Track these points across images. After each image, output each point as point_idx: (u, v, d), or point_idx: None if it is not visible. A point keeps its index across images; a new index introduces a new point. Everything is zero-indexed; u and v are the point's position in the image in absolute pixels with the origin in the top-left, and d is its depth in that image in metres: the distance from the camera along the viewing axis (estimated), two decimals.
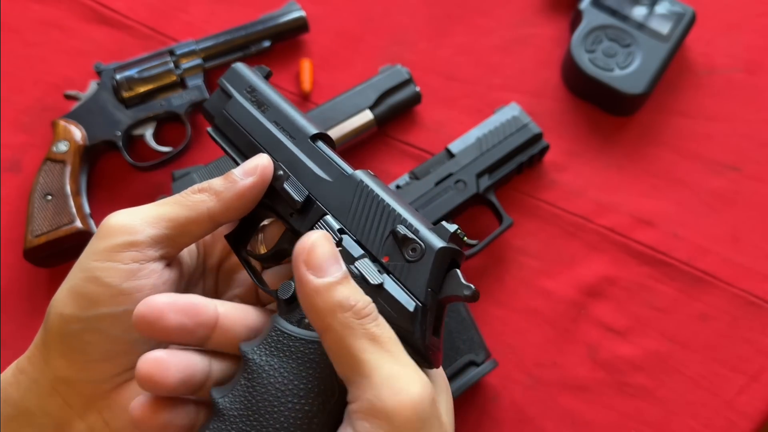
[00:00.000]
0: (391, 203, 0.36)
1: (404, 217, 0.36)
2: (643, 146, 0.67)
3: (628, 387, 0.57)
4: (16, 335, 0.61)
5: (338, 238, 0.36)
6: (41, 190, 0.62)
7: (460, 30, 0.73)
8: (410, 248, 0.35)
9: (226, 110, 0.41)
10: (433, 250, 0.34)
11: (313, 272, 0.32)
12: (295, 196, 0.38)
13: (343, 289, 0.32)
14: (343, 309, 0.31)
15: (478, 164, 0.61)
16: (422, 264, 0.34)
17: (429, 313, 0.34)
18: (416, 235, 0.35)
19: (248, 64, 0.44)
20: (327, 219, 0.37)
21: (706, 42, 0.71)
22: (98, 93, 0.67)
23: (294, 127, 0.40)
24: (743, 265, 0.61)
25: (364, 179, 0.37)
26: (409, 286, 0.34)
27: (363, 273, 0.34)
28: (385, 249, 0.35)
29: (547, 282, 0.61)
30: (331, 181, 0.38)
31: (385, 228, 0.36)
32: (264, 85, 0.42)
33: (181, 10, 0.75)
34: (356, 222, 0.36)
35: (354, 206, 0.37)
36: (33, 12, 0.76)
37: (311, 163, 0.39)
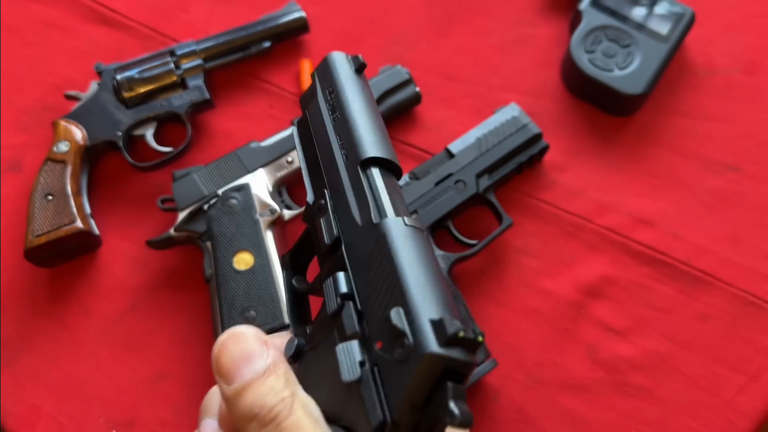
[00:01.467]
0: (402, 274, 0.28)
1: (407, 299, 0.27)
2: (643, 146, 0.67)
3: (628, 387, 0.57)
4: (16, 335, 0.61)
5: (338, 305, 0.29)
6: (42, 190, 0.62)
7: (460, 30, 0.73)
8: (399, 343, 0.26)
9: (308, 112, 0.36)
10: (421, 354, 0.25)
11: (221, 380, 0.29)
12: (325, 237, 0.31)
13: (248, 394, 0.28)
14: (248, 419, 0.28)
15: (477, 164, 0.62)
16: (405, 367, 0.26)
17: (404, 426, 0.26)
18: (409, 327, 0.26)
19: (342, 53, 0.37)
20: (338, 277, 0.30)
21: (706, 42, 0.71)
22: (99, 93, 0.67)
23: (351, 144, 0.32)
24: (743, 265, 0.61)
25: (389, 234, 0.29)
26: (387, 390, 0.26)
27: (338, 362, 0.28)
28: (380, 332, 0.28)
29: (546, 282, 0.61)
30: (360, 225, 0.31)
31: (387, 306, 0.28)
32: (345, 83, 0.35)
33: (181, 10, 0.75)
34: (367, 287, 0.29)
35: (369, 266, 0.29)
36: (33, 12, 0.76)
37: (351, 196, 0.31)
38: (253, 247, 0.58)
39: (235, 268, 0.57)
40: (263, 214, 0.60)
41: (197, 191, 0.61)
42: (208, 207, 0.61)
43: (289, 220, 0.62)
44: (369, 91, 0.36)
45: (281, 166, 0.63)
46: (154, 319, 0.62)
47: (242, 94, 0.71)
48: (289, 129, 0.64)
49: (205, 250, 0.60)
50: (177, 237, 0.61)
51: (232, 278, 0.57)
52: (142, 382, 0.59)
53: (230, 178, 0.62)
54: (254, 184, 0.62)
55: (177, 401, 0.58)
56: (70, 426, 0.58)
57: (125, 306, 0.62)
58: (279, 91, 0.71)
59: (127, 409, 0.58)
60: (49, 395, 0.59)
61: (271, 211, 0.60)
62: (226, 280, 0.57)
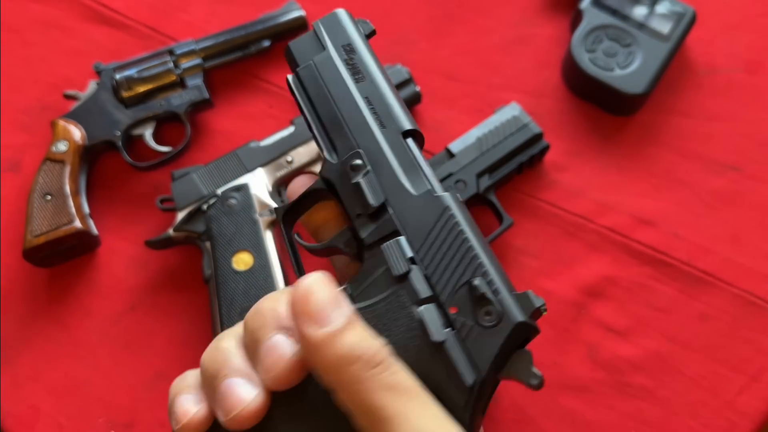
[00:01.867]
0: (476, 247, 0.30)
1: (487, 271, 0.30)
2: (644, 146, 0.66)
3: (629, 387, 0.57)
4: (16, 335, 0.61)
5: (406, 269, 0.30)
6: (41, 190, 0.62)
7: (461, 30, 0.73)
8: (485, 310, 0.29)
9: (315, 63, 0.35)
10: (511, 323, 0.28)
11: (311, 323, 0.27)
12: (370, 198, 0.32)
13: (348, 337, 0.27)
14: (349, 361, 0.27)
15: (478, 164, 0.61)
16: (494, 334, 0.28)
17: (486, 389, 0.29)
18: (496, 297, 0.29)
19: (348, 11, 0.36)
20: (400, 241, 0.31)
21: (707, 42, 0.71)
22: (98, 93, 0.66)
23: (388, 112, 0.33)
24: (744, 265, 0.61)
25: (453, 207, 0.31)
26: (473, 352, 0.28)
27: (425, 322, 0.29)
28: (455, 299, 0.29)
29: (547, 282, 0.61)
30: (415, 195, 0.32)
31: (462, 275, 0.30)
32: (365, 47, 0.35)
33: (180, 9, 0.75)
34: (431, 255, 0.30)
35: (434, 235, 0.31)
36: (32, 12, 0.76)
37: (397, 164, 0.33)
38: (252, 247, 0.58)
39: (234, 269, 0.57)
40: (263, 214, 0.60)
41: (196, 191, 0.61)
42: (207, 207, 0.60)
43: None
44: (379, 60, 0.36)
45: (281, 166, 0.63)
46: (153, 319, 0.61)
47: (242, 94, 0.71)
48: (289, 128, 0.64)
49: (205, 250, 0.60)
50: (176, 237, 0.61)
51: (232, 278, 0.57)
52: (141, 382, 0.59)
53: (229, 178, 0.62)
54: (254, 183, 0.62)
55: None
56: (69, 426, 0.58)
57: (124, 306, 0.62)
58: (278, 90, 0.71)
59: (126, 409, 0.58)
60: (48, 395, 0.59)
61: (270, 211, 0.60)
62: (226, 280, 0.57)
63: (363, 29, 0.37)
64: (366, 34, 0.37)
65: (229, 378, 0.29)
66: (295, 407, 0.29)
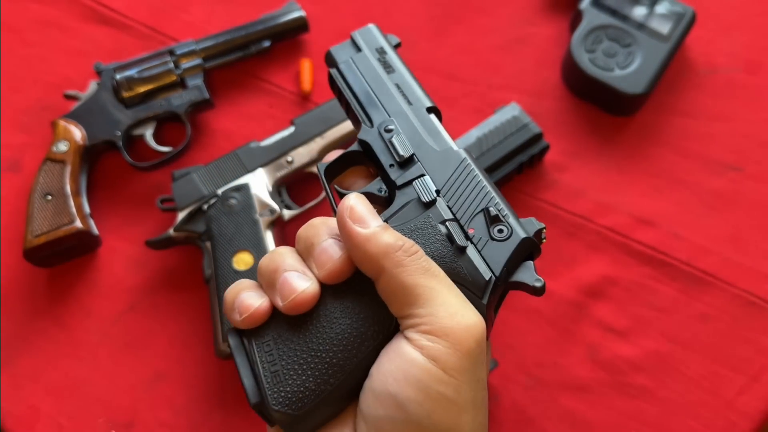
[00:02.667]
0: (489, 187, 0.38)
1: (499, 202, 0.38)
2: (644, 146, 0.66)
3: (629, 387, 0.57)
4: (16, 335, 0.61)
5: (434, 197, 0.38)
6: (41, 190, 0.62)
7: (460, 30, 0.73)
8: (498, 228, 0.37)
9: (354, 60, 0.44)
10: (519, 237, 0.36)
11: (358, 225, 0.34)
12: (401, 150, 0.40)
13: (389, 233, 0.34)
14: (394, 249, 0.33)
15: (478, 164, 0.61)
16: (506, 244, 0.36)
17: (499, 288, 0.36)
18: (506, 220, 0.37)
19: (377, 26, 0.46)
20: (426, 179, 0.39)
21: (707, 42, 0.71)
22: (98, 93, 0.67)
23: (413, 94, 0.43)
24: (744, 265, 0.61)
25: (468, 159, 0.40)
26: (488, 259, 0.36)
27: (451, 232, 0.36)
28: (472, 222, 0.37)
29: (547, 282, 0.60)
30: (437, 150, 0.40)
31: (478, 205, 0.38)
32: (393, 51, 0.45)
33: (181, 9, 0.75)
34: (452, 191, 0.38)
35: (453, 177, 0.39)
36: (32, 12, 0.76)
37: (422, 129, 0.41)
38: (252, 247, 0.58)
39: (234, 269, 0.57)
40: (263, 214, 0.60)
41: (197, 191, 0.61)
42: (207, 207, 0.61)
43: (289, 220, 0.62)
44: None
45: (281, 166, 0.63)
46: (153, 319, 0.61)
47: (242, 94, 0.71)
48: (289, 129, 0.64)
49: (205, 250, 0.60)
50: (176, 237, 0.61)
51: (232, 278, 0.57)
52: (141, 382, 0.59)
53: (230, 178, 0.62)
54: (254, 183, 0.62)
55: (176, 401, 0.58)
56: (69, 426, 0.58)
57: (124, 306, 0.62)
58: (279, 90, 0.71)
59: (126, 409, 0.58)
60: (48, 395, 0.59)
61: (270, 211, 0.60)
62: (226, 280, 0.57)
63: (391, 41, 0.46)
64: (393, 45, 0.46)
65: (288, 272, 0.34)
66: (343, 296, 0.35)
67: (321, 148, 0.64)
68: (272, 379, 0.33)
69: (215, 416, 0.57)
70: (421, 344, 0.31)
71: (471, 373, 0.31)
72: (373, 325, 0.34)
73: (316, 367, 0.33)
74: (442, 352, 0.31)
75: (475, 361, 0.31)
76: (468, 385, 0.31)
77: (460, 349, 0.31)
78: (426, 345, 0.31)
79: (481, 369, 0.32)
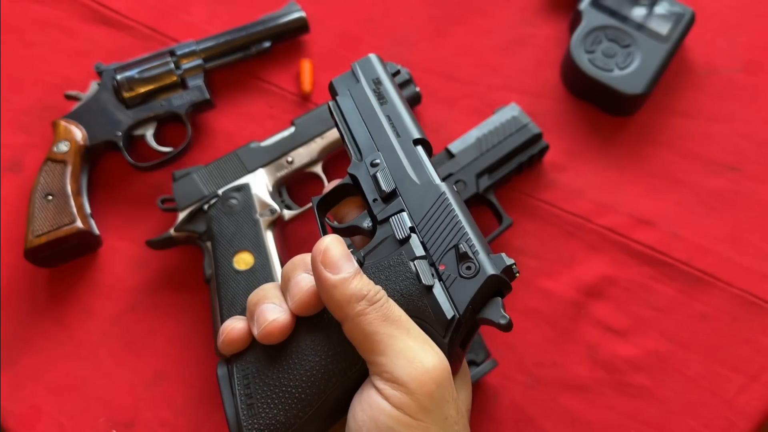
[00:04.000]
0: (463, 221, 0.39)
1: (470, 237, 0.38)
2: (643, 146, 0.67)
3: (628, 387, 0.57)
4: (17, 335, 0.61)
5: (407, 235, 0.39)
6: (42, 190, 0.62)
7: (460, 30, 0.73)
8: (466, 265, 0.37)
9: (351, 92, 0.46)
10: (485, 274, 0.37)
11: (329, 270, 0.36)
12: (384, 185, 0.42)
13: (356, 282, 0.36)
14: (357, 299, 0.35)
15: (477, 164, 0.62)
16: (472, 282, 0.37)
17: (463, 326, 0.36)
18: (475, 257, 0.37)
19: (378, 55, 0.48)
20: (403, 215, 0.40)
21: (706, 42, 0.71)
22: (99, 93, 0.67)
23: (403, 126, 0.44)
24: (743, 265, 0.61)
25: (447, 193, 0.41)
26: (454, 297, 0.37)
27: (418, 271, 0.37)
28: (444, 258, 0.38)
29: (546, 282, 0.61)
30: (418, 183, 0.42)
31: (450, 241, 0.38)
32: (389, 81, 0.46)
33: (181, 10, 0.75)
34: (427, 226, 0.40)
35: (430, 212, 0.40)
36: (33, 12, 0.76)
37: (406, 162, 0.43)
38: (253, 247, 0.58)
39: (235, 268, 0.57)
40: (263, 214, 0.60)
41: (197, 191, 0.62)
42: (208, 207, 0.61)
43: (290, 220, 0.62)
44: (400, 90, 0.48)
45: (281, 166, 0.63)
46: (154, 319, 0.62)
47: (242, 94, 0.71)
48: (289, 129, 0.65)
49: (205, 250, 0.60)
50: (177, 237, 0.61)
51: (232, 278, 0.57)
52: (141, 382, 0.59)
53: (230, 178, 0.62)
54: (254, 184, 0.62)
55: (177, 401, 0.58)
56: (69, 426, 0.58)
57: (125, 306, 0.62)
58: (279, 91, 0.71)
59: (126, 409, 0.58)
60: (48, 395, 0.59)
61: (271, 211, 0.60)
62: (226, 280, 0.57)
63: (390, 69, 0.48)
64: (392, 72, 0.48)
65: (264, 304, 0.38)
66: (314, 333, 0.37)
67: (321, 148, 0.64)
68: (248, 411, 0.36)
69: (215, 416, 0.58)
70: (387, 394, 0.33)
71: (436, 413, 0.34)
72: (340, 363, 0.36)
73: (287, 402, 0.36)
74: (405, 399, 0.33)
75: (438, 402, 0.34)
76: (435, 425, 0.33)
77: (422, 392, 0.33)
78: (391, 394, 0.33)
79: (447, 407, 0.34)
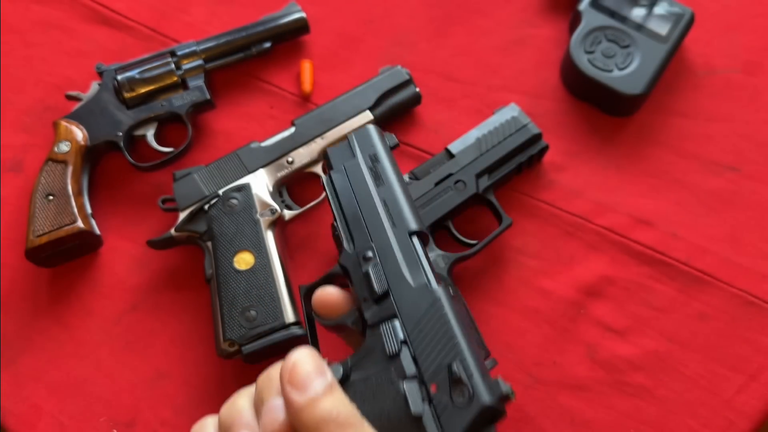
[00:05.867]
0: (457, 335, 0.36)
1: (464, 356, 0.35)
2: (642, 146, 0.67)
3: (628, 386, 0.57)
4: (17, 335, 0.61)
5: (398, 349, 0.36)
6: (43, 191, 0.62)
7: (460, 31, 0.73)
8: (459, 390, 0.34)
9: (346, 167, 0.43)
10: (479, 405, 0.33)
11: (296, 390, 0.32)
12: (375, 286, 0.38)
13: (326, 402, 0.32)
14: (326, 423, 0.32)
15: (477, 164, 0.62)
16: (465, 412, 0.33)
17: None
18: (469, 381, 0.34)
19: (377, 127, 0.44)
20: (395, 324, 0.37)
21: (705, 43, 0.71)
22: (99, 93, 0.67)
23: (399, 214, 0.41)
24: (742, 265, 0.61)
25: (442, 299, 0.37)
26: (444, 425, 0.33)
27: (408, 397, 0.34)
28: (437, 377, 0.35)
29: (546, 282, 0.61)
30: (413, 286, 0.38)
31: (444, 358, 0.35)
32: (387, 158, 0.44)
33: (182, 11, 0.75)
34: (420, 338, 0.36)
35: (424, 321, 0.37)
36: (34, 13, 0.76)
37: (401, 258, 0.39)
38: (253, 247, 0.58)
39: (235, 268, 0.58)
40: (264, 214, 0.60)
41: (198, 191, 0.62)
42: (208, 207, 0.61)
43: (290, 220, 0.62)
44: (398, 168, 0.45)
45: (282, 167, 0.63)
46: (154, 318, 0.62)
47: (243, 95, 0.71)
48: (290, 129, 0.65)
49: (206, 250, 0.60)
50: (178, 237, 0.61)
51: (233, 278, 0.57)
52: (142, 381, 0.59)
53: (231, 179, 0.62)
54: (255, 184, 0.62)
55: (177, 401, 0.58)
56: (70, 425, 0.58)
57: (126, 306, 0.62)
58: (279, 91, 0.71)
59: (127, 408, 0.58)
60: (49, 395, 0.59)
61: (271, 211, 0.61)
62: (227, 279, 0.57)
63: (388, 140, 0.45)
64: (390, 145, 0.45)
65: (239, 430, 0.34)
66: None
67: (321, 148, 0.64)
68: None
69: None
70: None
71: None
72: None
73: None
74: None
75: None
76: None
77: None
78: None
79: None
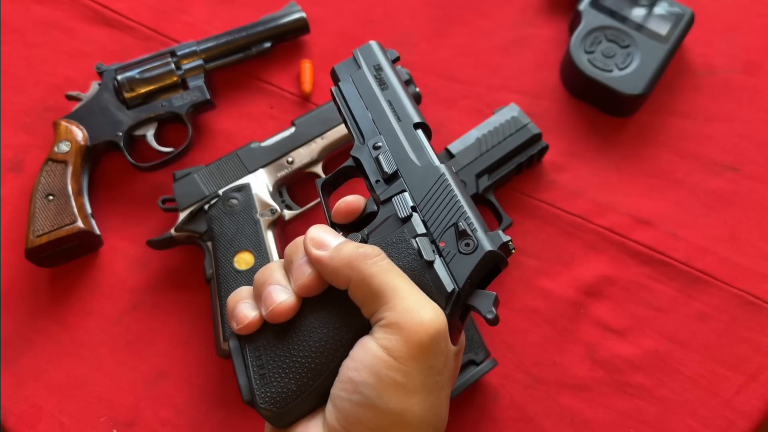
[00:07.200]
0: (461, 201, 0.41)
1: (468, 216, 0.40)
2: (642, 147, 0.67)
3: (627, 386, 0.57)
4: (18, 335, 0.61)
5: (409, 214, 0.41)
6: (43, 191, 0.62)
7: (460, 31, 0.73)
8: (465, 242, 0.39)
9: (353, 77, 0.48)
10: (483, 251, 0.38)
11: (319, 248, 0.38)
12: (386, 167, 0.43)
13: (348, 246, 0.38)
14: (356, 258, 0.37)
15: (477, 164, 0.62)
16: (471, 258, 0.38)
17: (462, 298, 0.38)
18: (473, 234, 0.39)
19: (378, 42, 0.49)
20: (404, 195, 0.42)
21: (705, 43, 0.71)
22: (100, 93, 0.67)
23: (403, 111, 0.46)
24: (742, 265, 0.61)
25: (446, 174, 0.42)
26: (454, 272, 0.38)
27: (420, 248, 0.39)
28: (444, 236, 0.40)
29: (546, 281, 0.61)
30: (419, 165, 0.43)
31: (450, 219, 0.40)
32: (389, 68, 0.48)
33: (182, 11, 0.75)
34: (428, 206, 0.41)
35: (431, 193, 0.42)
36: (34, 13, 0.76)
37: (407, 144, 0.44)
38: (253, 247, 0.58)
39: (235, 268, 0.58)
40: (264, 214, 0.60)
41: (198, 191, 0.62)
42: (208, 207, 0.61)
43: (290, 220, 0.62)
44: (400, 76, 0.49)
45: (282, 167, 0.63)
46: (154, 318, 0.62)
47: (243, 95, 0.71)
48: (290, 129, 0.65)
49: (206, 250, 0.60)
50: (178, 237, 0.61)
51: (233, 278, 0.57)
52: (142, 381, 0.59)
53: (231, 179, 0.62)
54: (255, 184, 0.62)
55: (178, 401, 0.58)
56: (70, 425, 0.58)
57: (126, 306, 0.62)
58: (279, 91, 0.71)
59: (127, 408, 0.58)
60: (49, 395, 0.59)
61: (271, 211, 0.61)
62: (227, 279, 0.57)
63: (390, 55, 0.49)
64: (392, 59, 0.49)
65: (271, 285, 0.39)
66: (321, 307, 0.39)
67: (321, 148, 0.64)
68: (260, 380, 0.38)
69: (216, 415, 0.58)
70: (378, 336, 0.35)
71: (422, 361, 0.35)
72: (347, 333, 0.38)
73: (297, 371, 0.38)
74: (393, 343, 0.35)
75: (426, 351, 0.35)
76: (418, 371, 0.35)
77: (412, 340, 0.35)
78: (381, 337, 0.35)
79: (434, 358, 0.36)
